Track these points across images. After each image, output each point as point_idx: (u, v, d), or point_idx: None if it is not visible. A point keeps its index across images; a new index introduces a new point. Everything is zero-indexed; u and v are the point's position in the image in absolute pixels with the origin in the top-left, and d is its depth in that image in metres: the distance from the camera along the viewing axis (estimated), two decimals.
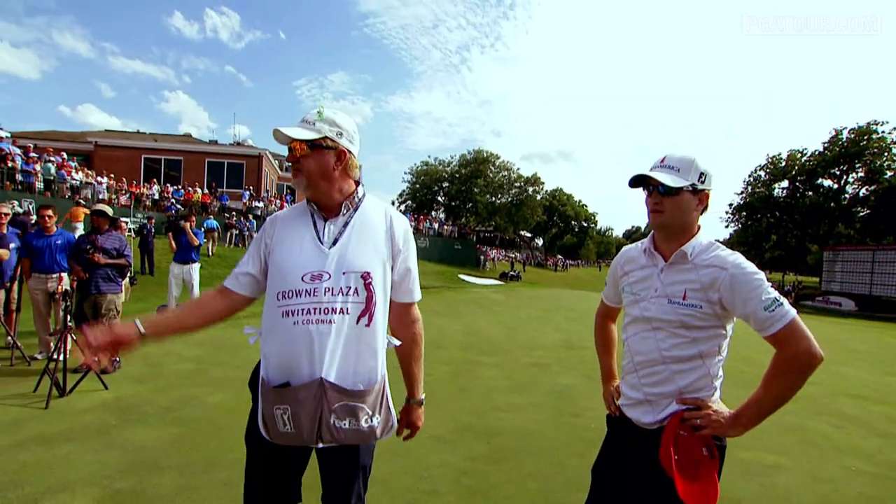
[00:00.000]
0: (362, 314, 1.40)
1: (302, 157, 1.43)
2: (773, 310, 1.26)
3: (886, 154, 33.20)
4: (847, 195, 36.32)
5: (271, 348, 1.41)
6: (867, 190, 35.11)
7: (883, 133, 33.12)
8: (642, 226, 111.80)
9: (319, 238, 1.44)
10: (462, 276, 25.55)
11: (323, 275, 1.39)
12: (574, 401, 4.71)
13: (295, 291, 1.38)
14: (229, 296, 1.54)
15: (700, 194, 1.40)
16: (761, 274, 1.32)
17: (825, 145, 36.23)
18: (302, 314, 1.36)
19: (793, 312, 1.26)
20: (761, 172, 40.60)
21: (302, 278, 1.39)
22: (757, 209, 40.32)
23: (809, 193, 37.76)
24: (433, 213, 45.78)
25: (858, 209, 36.04)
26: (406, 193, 48.40)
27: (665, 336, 1.40)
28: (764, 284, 1.29)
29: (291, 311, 1.37)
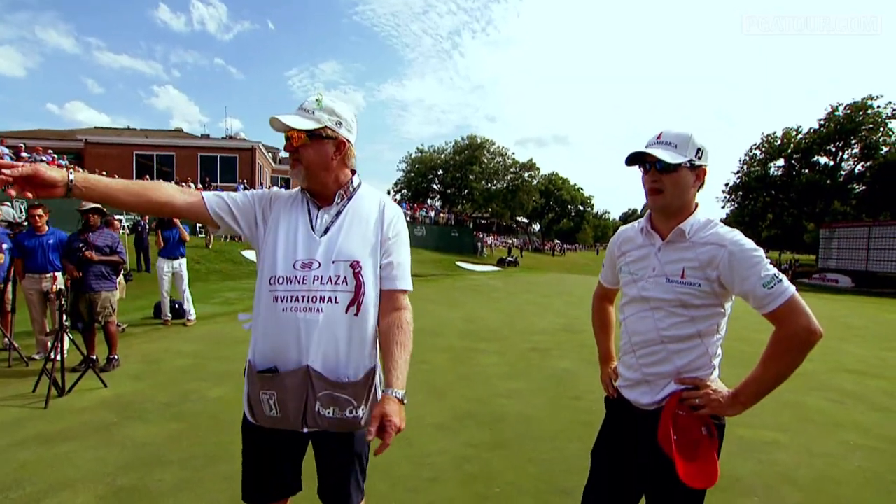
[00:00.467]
0: (351, 303, 1.39)
1: (301, 148, 1.40)
2: (773, 286, 1.24)
3: (882, 129, 33.07)
4: (843, 172, 36.27)
5: (260, 333, 1.42)
6: (863, 166, 35.05)
7: (879, 108, 32.98)
8: (639, 208, 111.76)
9: (312, 226, 1.43)
10: (460, 264, 25.54)
11: (313, 263, 1.38)
12: (574, 385, 4.73)
13: (286, 278, 1.38)
14: (193, 197, 1.41)
15: (697, 170, 1.37)
16: (760, 251, 1.29)
17: (821, 122, 36.08)
18: (291, 301, 1.36)
19: (792, 289, 1.25)
20: (757, 151, 40.46)
21: (293, 265, 1.39)
22: (753, 188, 40.26)
23: (805, 171, 37.67)
24: (429, 202, 45.62)
25: (854, 186, 36.01)
26: (401, 182, 48.16)
27: (663, 315, 1.38)
28: (763, 261, 1.27)
29: (281, 298, 1.38)
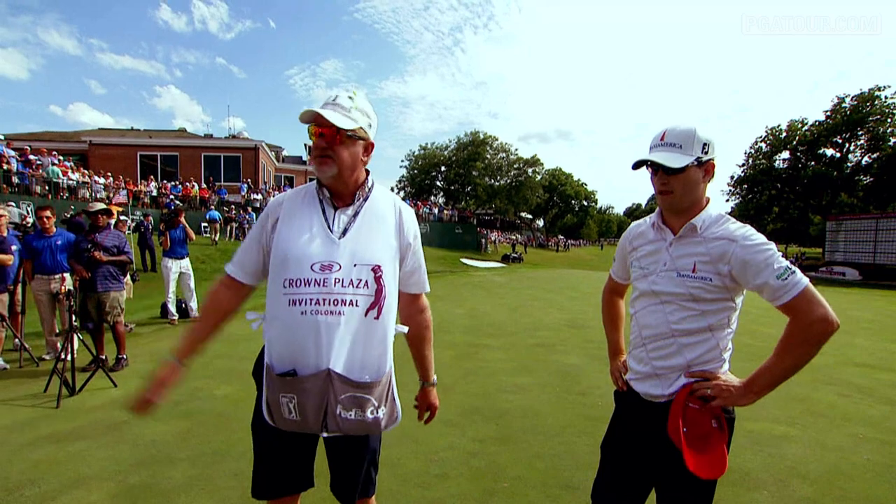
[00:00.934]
0: (371, 307, 1.38)
1: (339, 146, 1.38)
2: (786, 278, 1.24)
3: (890, 120, 32.71)
4: (850, 164, 35.94)
5: (276, 336, 1.39)
6: (870, 157, 34.70)
7: (886, 98, 32.61)
8: (643, 203, 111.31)
9: (329, 227, 1.41)
10: (464, 260, 25.54)
11: (333, 265, 1.36)
12: (579, 380, 4.73)
13: (303, 280, 1.35)
14: (237, 287, 1.53)
15: (706, 165, 1.36)
16: (771, 244, 1.29)
17: (827, 113, 35.72)
18: (310, 304, 1.33)
19: (805, 280, 1.24)
20: (762, 144, 40.16)
21: (311, 267, 1.36)
22: (758, 181, 39.97)
23: (811, 163, 37.36)
24: (433, 199, 45.61)
25: (861, 177, 35.67)
26: (405, 179, 48.17)
27: (674, 309, 1.38)
28: (775, 254, 1.27)
29: (299, 300, 1.34)
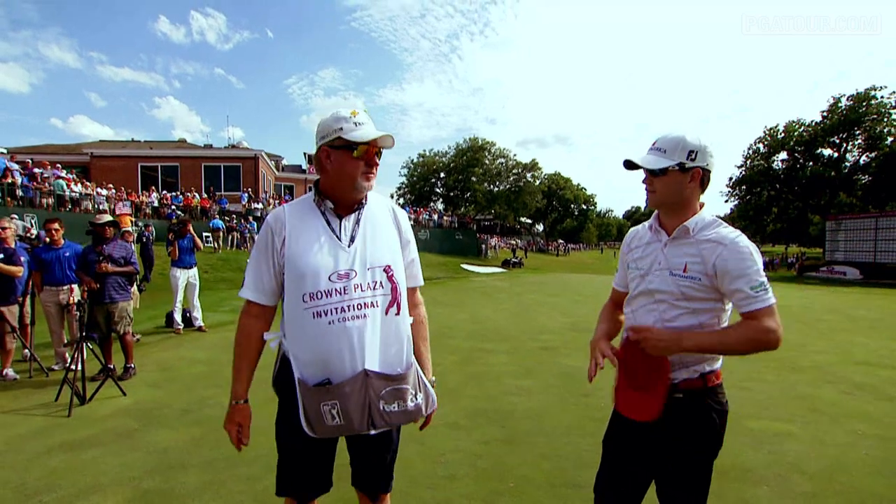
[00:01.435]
0: (390, 305, 1.48)
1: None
2: (758, 292, 1.35)
3: (886, 119, 32.86)
4: (847, 163, 36.05)
5: (304, 349, 1.43)
6: (868, 157, 34.82)
7: (882, 98, 32.78)
8: (642, 206, 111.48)
9: (337, 236, 1.48)
10: (465, 266, 25.59)
11: (350, 273, 1.44)
12: (583, 382, 4.78)
13: (324, 292, 1.41)
14: (262, 312, 1.54)
15: (691, 172, 1.44)
16: (758, 256, 1.38)
17: (824, 114, 35.87)
18: (336, 313, 1.40)
19: (774, 300, 1.36)
20: (759, 145, 40.28)
21: (329, 278, 1.42)
22: (756, 182, 40.05)
23: (809, 164, 37.47)
24: (432, 205, 45.71)
25: (860, 177, 35.77)
26: (404, 186, 48.31)
27: (667, 308, 1.46)
28: (758, 266, 1.37)
29: (324, 312, 1.41)
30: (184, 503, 2.55)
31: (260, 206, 22.85)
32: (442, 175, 47.15)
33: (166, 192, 21.42)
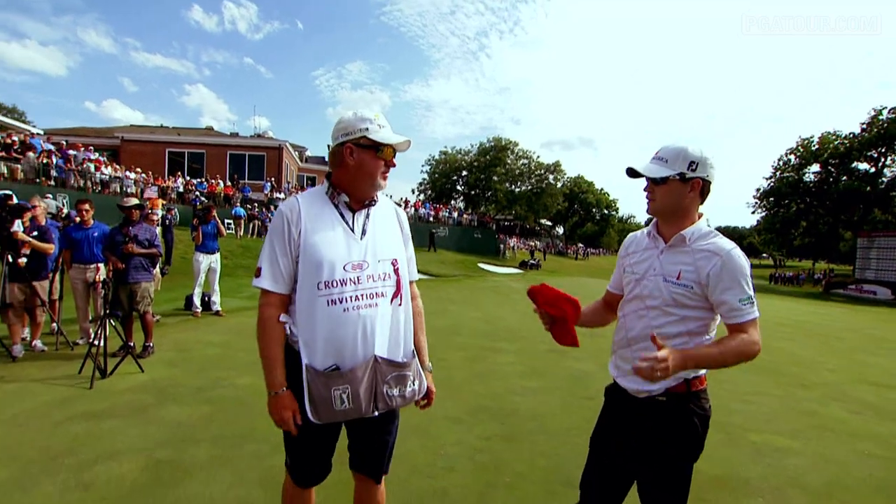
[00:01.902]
0: (395, 296, 1.59)
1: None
2: (746, 304, 1.41)
3: None
4: (885, 178, 34.74)
5: (317, 335, 1.49)
6: None
7: None
8: None
9: (351, 228, 1.57)
10: (481, 265, 25.60)
11: (363, 264, 1.53)
12: (588, 385, 4.80)
13: (339, 281, 1.49)
14: (281, 301, 1.56)
15: (691, 182, 1.48)
16: (749, 270, 1.43)
17: (863, 126, 34.57)
18: (351, 301, 1.49)
19: (758, 313, 1.42)
20: (791, 156, 39.14)
21: (344, 268, 1.51)
22: (785, 194, 38.94)
23: (843, 178, 36.24)
24: (453, 202, 45.77)
25: None
26: (425, 183, 48.47)
27: (657, 314, 1.50)
28: (749, 280, 1.42)
29: (339, 299, 1.49)
30: (193, 474, 2.69)
31: (282, 196, 23.25)
32: (464, 173, 47.15)
33: (191, 179, 21.99)
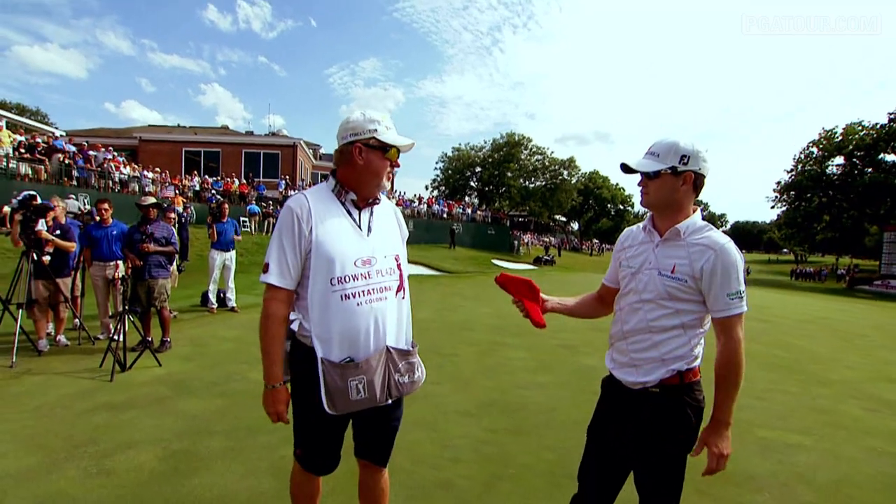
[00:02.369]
0: (399, 289, 1.68)
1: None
2: (734, 299, 1.43)
3: None
4: None
5: (332, 330, 1.53)
6: None
7: None
8: None
9: (359, 226, 1.63)
10: (495, 261, 25.59)
11: (372, 259, 1.61)
12: (596, 380, 4.71)
13: (351, 276, 1.55)
14: (288, 297, 1.58)
15: (683, 175, 1.49)
16: (742, 264, 1.46)
17: (891, 116, 33.34)
18: (363, 295, 1.56)
19: (745, 308, 1.45)
20: (814, 149, 38.08)
21: (354, 263, 1.57)
22: (807, 188, 37.92)
23: (869, 170, 35.12)
24: (466, 199, 45.75)
25: None
26: (439, 180, 48.49)
27: (652, 307, 1.52)
28: (740, 275, 1.44)
29: (352, 294, 1.55)
30: (207, 464, 2.78)
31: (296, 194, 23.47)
32: (477, 169, 47.05)
33: (207, 177, 22.36)
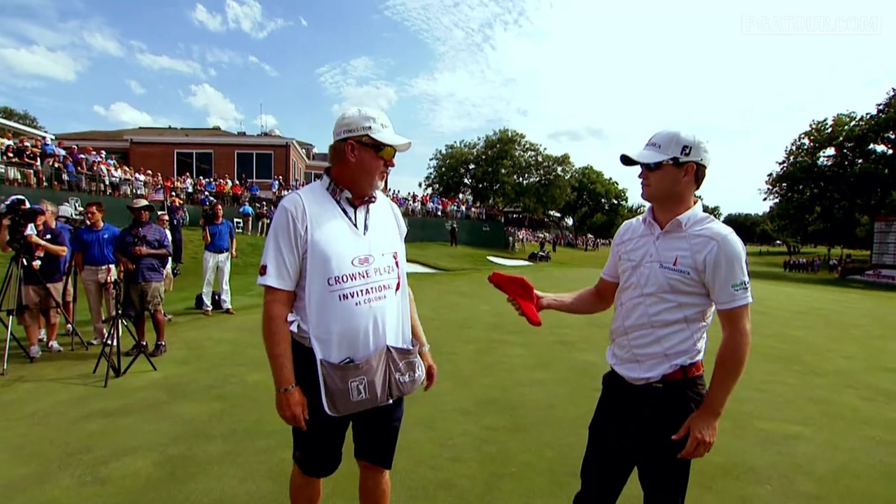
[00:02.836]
0: (397, 287, 1.65)
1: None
2: (739, 290, 1.41)
3: None
4: None
5: (331, 330, 1.50)
6: None
7: None
8: None
9: (354, 224, 1.60)
10: (491, 258, 25.59)
11: (369, 258, 1.58)
12: (595, 376, 4.73)
13: (349, 276, 1.53)
14: (288, 297, 1.55)
15: (685, 166, 1.47)
16: (744, 255, 1.43)
17: (880, 107, 33.65)
18: (362, 294, 1.54)
19: (751, 298, 1.43)
20: (805, 140, 38.35)
21: (352, 262, 1.54)
22: (799, 179, 38.20)
23: (859, 161, 35.43)
24: (461, 196, 45.74)
25: None
26: (433, 177, 48.42)
27: (654, 301, 1.50)
28: (743, 265, 1.42)
29: (351, 294, 1.52)
30: (205, 469, 2.75)
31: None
32: (471, 166, 47.02)
33: (200, 178, 22.19)
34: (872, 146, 35.02)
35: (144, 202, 5.39)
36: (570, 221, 68.47)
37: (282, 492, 2.46)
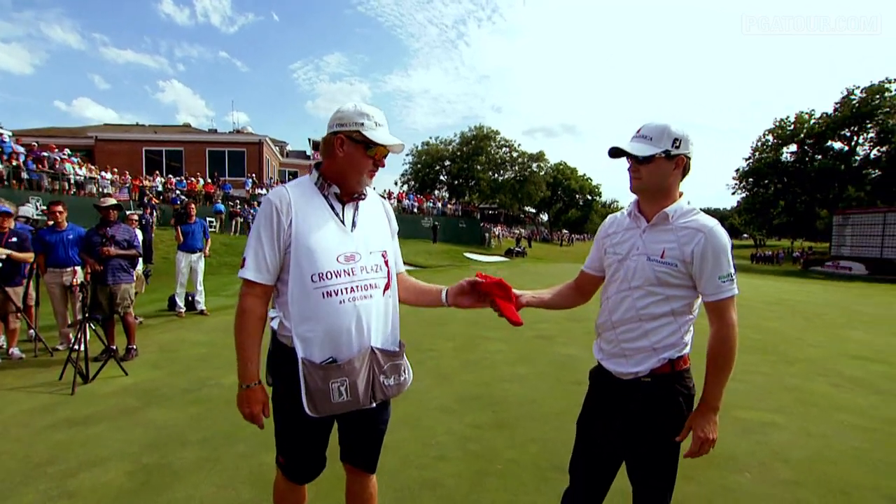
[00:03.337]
0: (386, 287, 1.59)
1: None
2: (725, 282, 1.42)
3: None
4: (858, 157, 35.57)
5: (313, 328, 1.46)
6: (879, 151, 34.35)
7: (895, 91, 32.21)
8: None
9: (341, 220, 1.54)
10: (467, 255, 25.63)
11: (355, 255, 1.52)
12: (576, 370, 4.84)
13: (333, 273, 1.47)
14: (265, 292, 1.51)
15: (675, 159, 1.47)
16: (730, 247, 1.44)
17: (836, 105, 35.30)
18: (346, 293, 1.48)
19: (737, 290, 1.44)
20: (769, 137, 39.77)
21: (337, 259, 1.49)
22: (764, 175, 39.65)
23: (818, 157, 37.02)
24: (437, 193, 45.65)
25: (869, 171, 35.34)
26: (408, 174, 48.19)
27: (642, 295, 1.49)
28: (730, 257, 1.43)
29: (334, 291, 1.47)
30: (181, 477, 2.64)
31: (264, 192, 22.92)
32: (447, 163, 46.98)
33: (171, 177, 21.52)
34: (830, 143, 36.59)
35: (113, 201, 5.17)
36: (546, 217, 69.26)
37: (263, 499, 2.39)
